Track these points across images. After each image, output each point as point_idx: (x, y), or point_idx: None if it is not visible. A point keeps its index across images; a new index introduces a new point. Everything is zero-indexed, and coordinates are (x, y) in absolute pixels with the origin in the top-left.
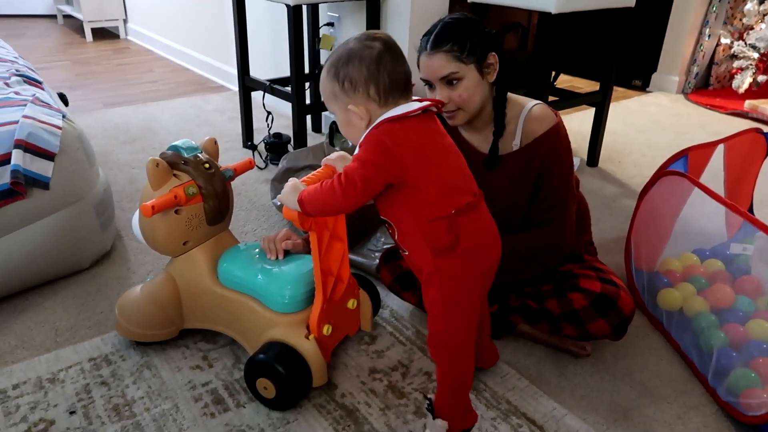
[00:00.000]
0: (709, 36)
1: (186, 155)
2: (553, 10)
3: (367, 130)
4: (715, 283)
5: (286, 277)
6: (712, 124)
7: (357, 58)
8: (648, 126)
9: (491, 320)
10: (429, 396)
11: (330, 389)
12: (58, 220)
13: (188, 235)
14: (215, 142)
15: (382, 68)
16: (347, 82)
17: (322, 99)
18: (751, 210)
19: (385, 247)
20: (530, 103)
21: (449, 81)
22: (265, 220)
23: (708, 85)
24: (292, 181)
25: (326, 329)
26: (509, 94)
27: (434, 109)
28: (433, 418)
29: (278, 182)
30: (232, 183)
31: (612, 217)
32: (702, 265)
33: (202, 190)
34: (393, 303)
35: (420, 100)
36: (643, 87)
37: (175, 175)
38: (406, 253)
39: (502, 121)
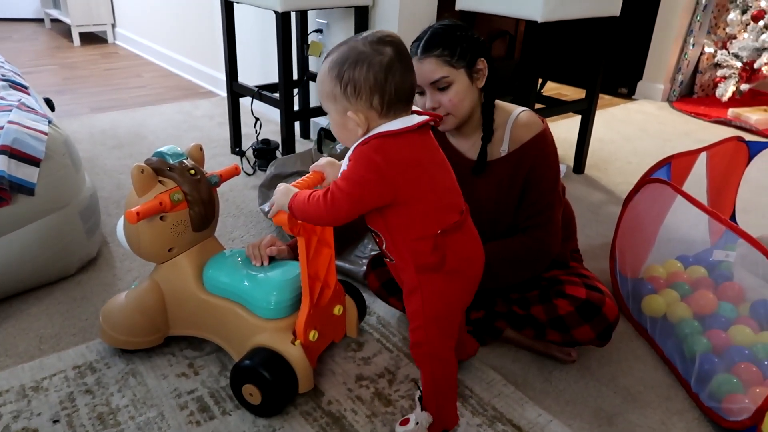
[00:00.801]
0: (694, 45)
1: (171, 161)
2: (539, 19)
3: (359, 140)
4: (698, 289)
5: (272, 283)
6: (697, 132)
7: (365, 63)
8: (634, 133)
9: (477, 326)
10: (420, 387)
11: (317, 396)
12: (44, 226)
13: (173, 241)
14: (201, 149)
15: (390, 78)
16: (350, 87)
17: (318, 95)
18: (733, 217)
19: (372, 253)
20: (517, 109)
21: (439, 86)
22: (253, 226)
23: (692, 93)
24: (283, 186)
25: (312, 335)
26: (496, 100)
27: (432, 123)
28: (422, 410)
29: (266, 188)
30: (219, 189)
31: (598, 224)
32: (686, 271)
33: (187, 196)
34: (380, 309)
35: (418, 113)
36: (629, 95)
37: (160, 181)
38: (393, 262)
39: (490, 126)
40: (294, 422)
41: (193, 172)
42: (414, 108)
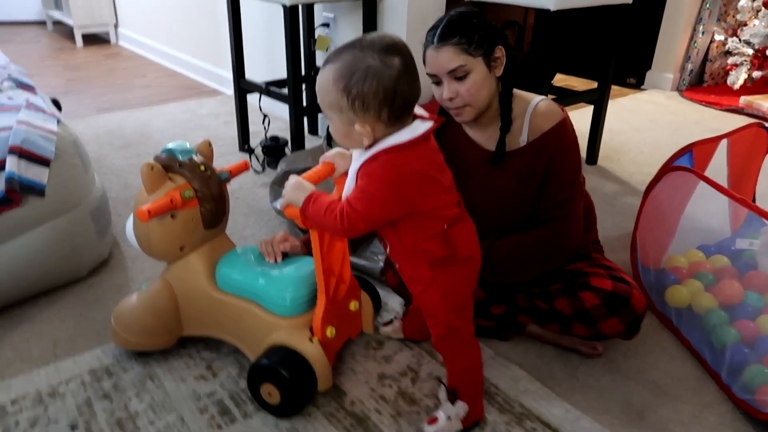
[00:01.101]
0: (703, 33)
1: (181, 158)
2: (552, 7)
3: (366, 155)
4: (723, 278)
5: (287, 280)
6: (708, 121)
7: (375, 78)
8: (644, 124)
9: (499, 321)
10: (444, 381)
11: (339, 396)
12: (54, 228)
13: (185, 239)
14: (210, 144)
15: (398, 90)
16: (359, 101)
17: (319, 102)
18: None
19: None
20: (536, 98)
21: (456, 75)
22: (265, 224)
23: (702, 82)
24: (293, 179)
25: (330, 331)
26: (514, 89)
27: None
28: (452, 403)
29: (277, 186)
30: (229, 187)
31: (614, 215)
32: (708, 261)
33: (198, 193)
34: (397, 305)
35: (421, 117)
36: (638, 85)
37: (170, 178)
38: (398, 266)
39: (509, 116)
40: (317, 424)
41: (203, 168)
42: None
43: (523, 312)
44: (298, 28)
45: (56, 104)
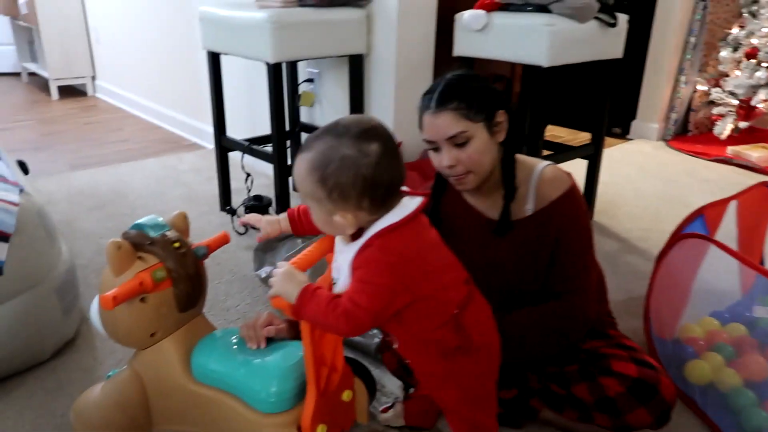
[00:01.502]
0: (686, 83)
1: (152, 234)
2: (545, 64)
3: (360, 243)
4: (744, 351)
5: (271, 371)
6: (699, 171)
7: (352, 168)
8: (634, 174)
9: (510, 407)
10: None
11: None
12: (14, 308)
13: (156, 325)
14: (185, 217)
15: (378, 179)
16: (336, 193)
17: (298, 189)
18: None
19: None
20: (540, 164)
21: (457, 142)
22: (249, 293)
23: (687, 132)
24: (283, 267)
25: (320, 430)
26: (516, 155)
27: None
28: None
29: (262, 252)
30: (206, 260)
31: (617, 276)
32: (724, 329)
33: (171, 273)
34: (396, 388)
35: (408, 193)
36: (623, 134)
37: (140, 257)
38: (409, 362)
39: (512, 183)
40: None
41: (177, 244)
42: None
43: (536, 396)
44: (281, 84)
45: (22, 167)
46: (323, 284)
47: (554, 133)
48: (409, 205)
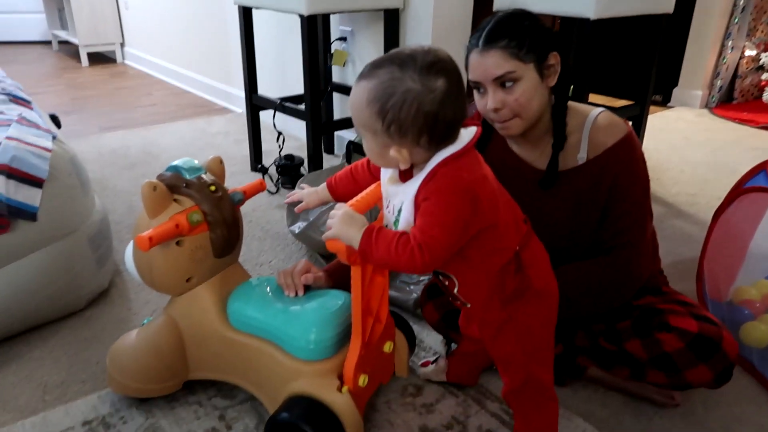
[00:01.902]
0: (732, 48)
1: (188, 177)
2: (592, 16)
3: (423, 175)
4: None
5: (311, 318)
6: (747, 139)
7: (415, 103)
8: (679, 142)
9: (556, 364)
10: None
11: None
12: (48, 255)
13: (192, 269)
14: (221, 162)
15: (441, 116)
16: (395, 127)
17: (353, 119)
18: None
19: (422, 279)
20: (594, 111)
21: (504, 83)
22: (281, 249)
23: (732, 99)
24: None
25: (363, 380)
26: (569, 102)
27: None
28: None
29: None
30: (242, 209)
31: (665, 240)
32: None
33: (207, 216)
34: (436, 344)
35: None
36: (664, 102)
37: (175, 200)
38: (468, 306)
39: (563, 132)
40: None
41: (213, 188)
42: None
43: (583, 353)
44: (315, 38)
45: (55, 120)
46: None
47: (593, 101)
48: (464, 136)
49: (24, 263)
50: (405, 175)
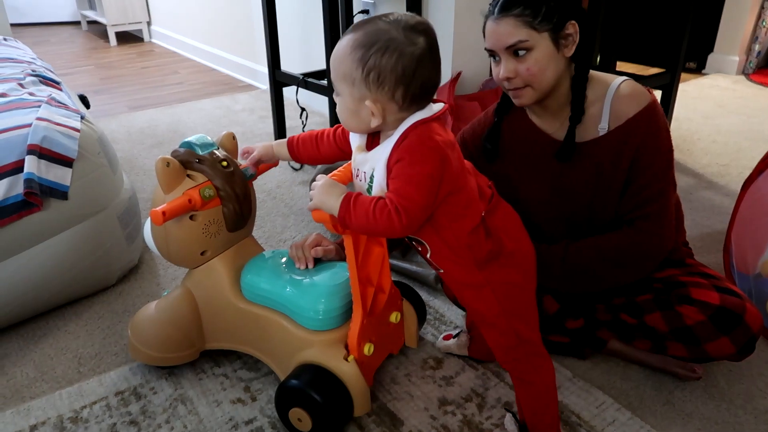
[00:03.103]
0: None
1: (201, 152)
2: None
3: (395, 138)
4: None
5: (319, 289)
6: None
7: (396, 51)
8: (712, 110)
9: (576, 336)
10: (513, 411)
11: (395, 426)
12: (79, 232)
13: (206, 243)
14: (234, 137)
15: (419, 72)
16: (374, 74)
17: (332, 75)
18: None
19: None
20: (616, 80)
21: (516, 51)
22: (305, 226)
23: None
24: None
25: (367, 348)
26: (591, 72)
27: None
28: None
29: None
30: (266, 186)
31: (693, 212)
32: None
33: (220, 191)
34: (457, 318)
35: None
36: (698, 69)
37: (189, 175)
38: (442, 271)
39: (581, 104)
40: None
41: (225, 163)
42: None
43: (604, 326)
44: (337, 12)
45: (84, 101)
46: None
47: (622, 69)
48: (434, 107)
49: (56, 241)
50: (372, 144)
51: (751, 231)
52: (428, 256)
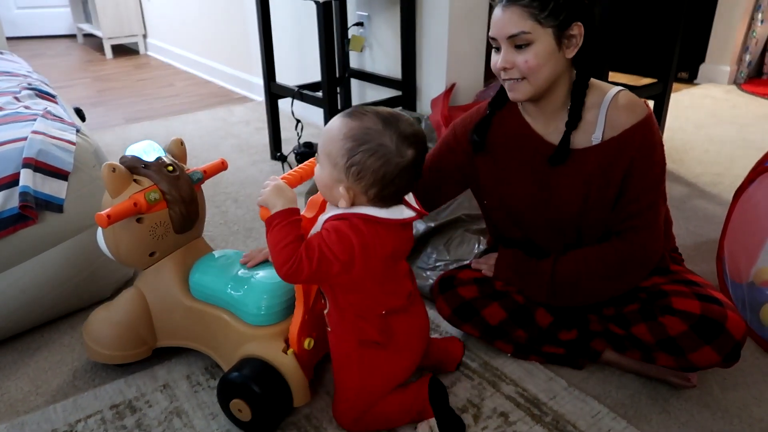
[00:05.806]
0: (762, 21)
1: (147, 159)
2: None
3: (338, 211)
4: None
5: (262, 287)
6: None
7: (383, 158)
8: (705, 119)
9: (570, 348)
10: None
11: None
12: (75, 246)
13: (154, 245)
14: (182, 143)
15: (397, 180)
16: (356, 168)
17: (320, 145)
18: None
19: (437, 264)
20: (613, 89)
21: (517, 43)
22: None
23: (761, 74)
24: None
25: (308, 343)
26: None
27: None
28: None
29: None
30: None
31: (686, 221)
32: None
33: (165, 195)
34: (453, 330)
35: (408, 205)
36: (690, 79)
37: (135, 180)
38: (329, 330)
39: (579, 109)
40: None
41: (171, 168)
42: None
43: (597, 337)
44: (332, 25)
45: (79, 114)
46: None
47: (615, 79)
48: (402, 212)
49: (52, 254)
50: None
51: (743, 240)
52: (325, 311)
